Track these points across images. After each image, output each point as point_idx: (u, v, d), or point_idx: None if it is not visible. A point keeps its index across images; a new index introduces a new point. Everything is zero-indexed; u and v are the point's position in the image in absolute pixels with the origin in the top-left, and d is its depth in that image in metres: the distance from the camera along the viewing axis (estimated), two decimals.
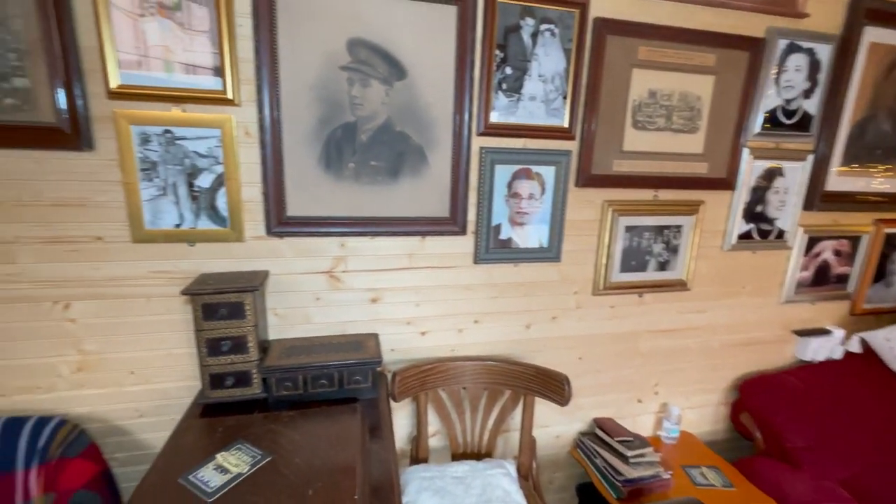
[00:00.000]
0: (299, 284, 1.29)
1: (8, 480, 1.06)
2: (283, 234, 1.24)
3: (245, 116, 1.15)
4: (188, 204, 1.16)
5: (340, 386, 1.21)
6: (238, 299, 1.11)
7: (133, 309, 1.19)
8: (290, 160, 1.19)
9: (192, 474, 0.88)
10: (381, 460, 1.03)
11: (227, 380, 1.14)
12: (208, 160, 1.14)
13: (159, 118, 1.09)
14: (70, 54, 1.02)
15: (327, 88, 1.17)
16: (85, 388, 1.22)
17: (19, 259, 1.11)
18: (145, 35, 1.04)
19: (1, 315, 1.12)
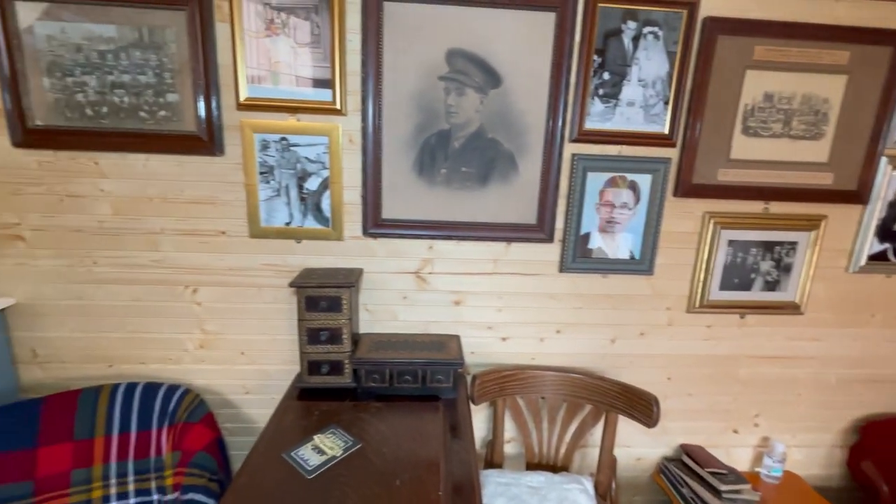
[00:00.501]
0: (389, 283, 1.36)
1: (146, 437, 1.24)
2: (377, 235, 1.32)
3: (350, 125, 1.24)
4: (297, 204, 1.28)
5: (423, 383, 1.25)
6: (337, 294, 1.20)
7: (247, 296, 1.34)
8: (387, 166, 1.26)
9: (294, 451, 0.97)
10: (462, 460, 1.05)
11: (323, 367, 1.24)
12: (316, 165, 1.25)
13: (277, 127, 1.22)
14: (210, 72, 1.17)
15: (425, 98, 1.22)
16: (204, 364, 1.39)
17: (162, 248, 1.29)
18: (269, 52, 1.17)
19: (145, 294, 1.32)
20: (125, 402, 1.26)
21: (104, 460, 1.22)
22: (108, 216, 1.26)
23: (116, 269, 1.30)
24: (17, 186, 1.23)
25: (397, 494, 0.87)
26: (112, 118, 1.19)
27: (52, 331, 1.33)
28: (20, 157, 1.21)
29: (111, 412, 1.24)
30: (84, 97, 1.18)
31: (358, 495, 0.86)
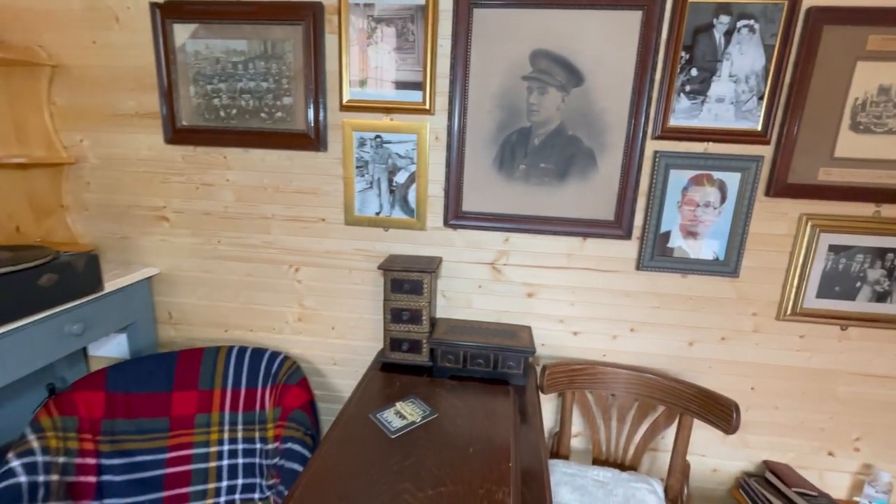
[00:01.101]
0: (465, 272, 1.45)
1: (252, 393, 1.45)
2: (457, 227, 1.41)
3: (437, 124, 1.34)
4: (387, 196, 1.41)
5: (494, 368, 1.32)
6: (419, 278, 1.30)
7: (340, 277, 1.50)
8: (469, 162, 1.35)
9: (378, 413, 1.09)
10: (531, 444, 1.11)
11: (403, 345, 1.36)
12: (405, 160, 1.37)
13: (373, 126, 1.36)
14: (319, 78, 1.34)
15: (508, 97, 1.29)
16: (301, 335, 1.57)
17: (272, 231, 1.49)
18: (369, 59, 1.31)
19: (256, 271, 1.53)
20: (237, 363, 1.47)
21: (220, 409, 1.43)
22: (231, 202, 1.49)
23: (235, 248, 1.52)
24: (166, 176, 1.49)
25: (470, 460, 0.95)
26: (239, 119, 1.40)
27: (184, 297, 1.59)
28: (169, 151, 1.47)
29: (226, 370, 1.46)
30: (218, 101, 1.40)
31: (435, 457, 0.95)
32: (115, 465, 1.30)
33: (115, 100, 1.44)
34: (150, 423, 1.37)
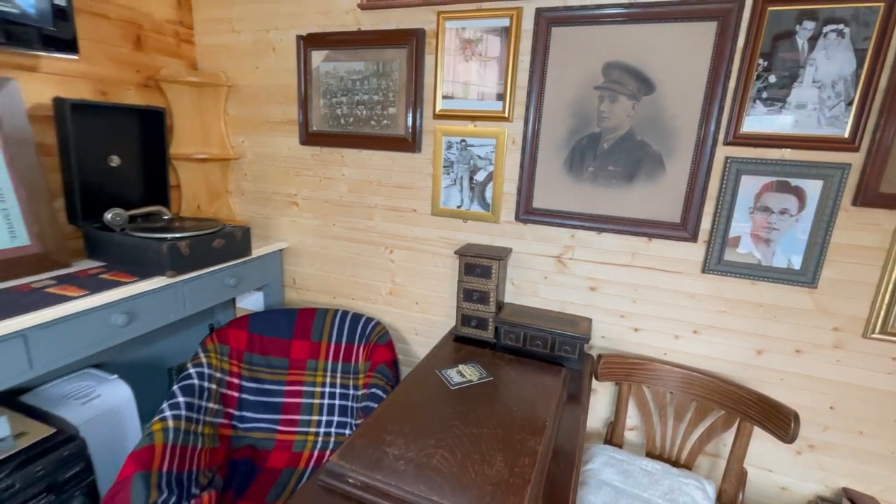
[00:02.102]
0: (533, 263, 1.61)
1: (350, 349, 1.77)
2: (527, 221, 1.57)
3: (514, 129, 1.52)
4: (468, 192, 1.62)
5: (551, 350, 1.46)
6: (488, 264, 1.50)
7: (425, 260, 1.76)
8: (541, 163, 1.50)
9: (444, 370, 1.31)
10: (572, 419, 1.23)
11: (472, 321, 1.56)
12: (485, 161, 1.57)
13: (459, 131, 1.58)
14: (418, 91, 1.60)
15: (580, 105, 1.42)
16: (391, 307, 1.87)
17: (375, 218, 1.80)
18: (459, 74, 1.53)
19: (360, 250, 1.86)
20: (340, 323, 1.81)
21: (325, 358, 1.79)
22: (345, 193, 1.83)
23: (345, 230, 1.87)
24: (298, 170, 1.89)
25: (513, 414, 1.12)
26: (354, 125, 1.73)
27: (305, 268, 1.99)
28: (302, 151, 1.86)
29: (332, 328, 1.81)
30: (340, 111, 1.74)
31: (483, 408, 1.14)
32: (250, 387, 1.72)
33: (267, 110, 1.88)
34: (275, 361, 1.77)
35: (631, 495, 1.29)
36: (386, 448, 0.96)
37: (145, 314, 1.38)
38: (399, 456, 0.94)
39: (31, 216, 1.35)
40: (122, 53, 1.68)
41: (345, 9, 1.65)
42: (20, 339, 1.09)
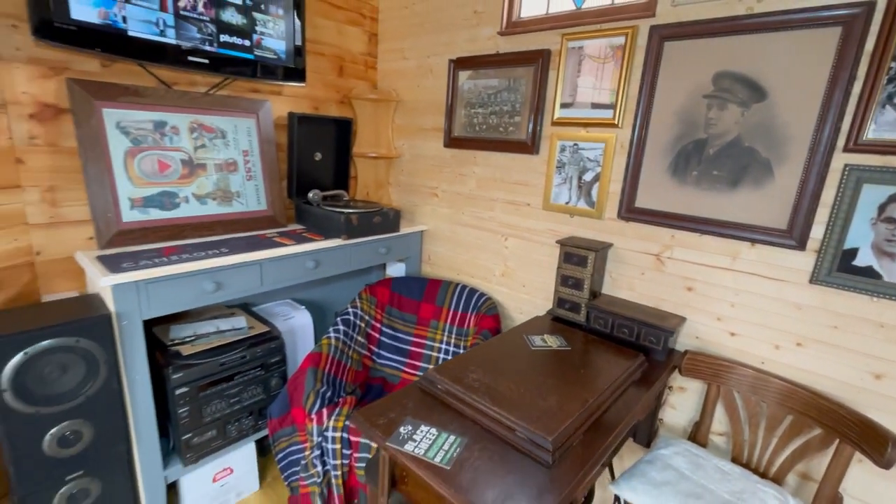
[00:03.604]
0: (631, 259, 1.73)
1: (464, 316, 2.14)
2: (629, 219, 1.70)
3: (623, 135, 1.67)
4: (576, 190, 1.83)
5: (636, 339, 1.58)
6: (584, 254, 1.69)
7: (533, 249, 2.02)
8: (646, 166, 1.62)
9: (529, 335, 1.57)
10: (634, 395, 1.36)
11: (566, 304, 1.77)
12: (593, 163, 1.76)
13: (572, 136, 1.80)
14: (540, 102, 1.87)
15: (687, 113, 1.51)
16: (502, 287, 2.17)
17: (495, 210, 2.13)
18: (576, 87, 1.75)
19: (480, 237, 2.21)
20: (459, 294, 2.19)
21: (444, 320, 2.19)
22: (473, 188, 2.20)
23: (472, 219, 2.24)
24: (440, 168, 2.33)
25: (577, 374, 1.32)
26: (486, 132, 2.08)
27: (437, 248, 2.42)
28: (445, 152, 2.29)
29: (452, 297, 2.20)
30: (476, 119, 2.11)
31: (552, 366, 1.37)
32: (387, 333, 2.23)
33: (422, 120, 2.36)
34: (407, 316, 2.24)
35: (694, 483, 1.35)
36: (468, 373, 1.28)
37: (326, 263, 1.96)
38: (476, 379, 1.25)
39: (269, 191, 2.05)
40: (330, 79, 2.35)
41: (487, 36, 2.01)
42: (258, 266, 1.73)
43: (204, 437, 1.69)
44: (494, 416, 1.11)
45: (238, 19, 1.79)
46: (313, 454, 1.65)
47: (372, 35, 2.49)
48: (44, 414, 1.29)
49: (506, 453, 1.04)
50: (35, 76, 1.47)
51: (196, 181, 1.83)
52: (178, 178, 1.78)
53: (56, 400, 1.31)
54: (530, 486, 0.94)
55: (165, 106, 1.73)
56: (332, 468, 1.66)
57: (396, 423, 1.11)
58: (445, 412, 1.17)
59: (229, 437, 1.77)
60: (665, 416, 1.72)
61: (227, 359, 1.70)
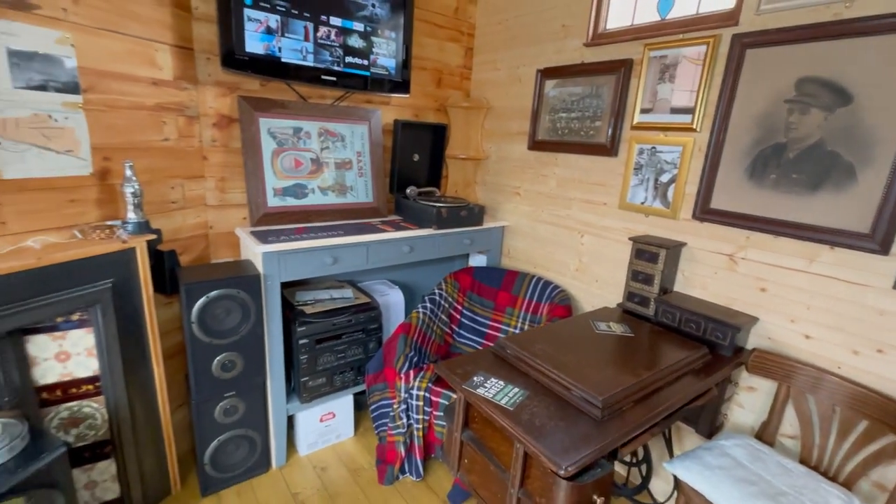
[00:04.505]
0: (704, 258, 1.78)
1: (537, 305, 2.32)
2: (703, 220, 1.76)
3: (700, 139, 1.74)
4: (652, 191, 1.92)
5: (703, 334, 1.65)
6: (655, 251, 1.79)
7: (607, 246, 2.14)
8: (723, 169, 1.68)
9: (595, 321, 1.72)
10: (689, 383, 1.44)
11: (636, 298, 1.88)
12: (670, 166, 1.85)
13: (651, 139, 1.90)
14: (621, 107, 1.99)
15: (767, 117, 1.55)
16: (575, 281, 2.32)
17: (573, 208, 2.29)
18: (655, 93, 1.85)
19: (557, 233, 2.37)
20: (534, 285, 2.37)
21: (519, 308, 2.39)
22: (553, 187, 2.38)
23: (550, 216, 2.41)
24: (523, 169, 2.53)
25: (636, 355, 1.46)
26: (568, 135, 2.25)
27: (517, 242, 2.63)
28: (528, 154, 2.49)
29: (528, 287, 2.39)
30: (559, 124, 2.29)
31: (614, 346, 1.52)
32: (467, 315, 2.49)
33: (509, 125, 2.59)
34: (486, 301, 2.48)
35: (751, 471, 1.41)
36: (535, 343, 1.48)
37: (419, 248, 2.28)
38: (541, 348, 1.45)
39: (375, 186, 2.43)
40: (429, 90, 2.68)
41: (573, 47, 2.18)
42: (365, 247, 2.09)
43: (316, 382, 2.09)
44: (554, 377, 1.30)
45: (360, 43, 2.18)
46: (400, 408, 1.96)
47: (468, 49, 2.77)
48: (214, 344, 1.75)
49: (561, 406, 1.23)
50: (218, 95, 1.97)
51: (320, 176, 2.25)
52: (308, 173, 2.21)
53: (222, 335, 1.76)
54: (578, 432, 1.12)
55: (302, 115, 2.17)
56: (415, 422, 1.96)
57: (471, 374, 1.35)
58: (512, 371, 1.39)
59: (335, 385, 2.16)
60: (732, 414, 1.75)
61: (337, 320, 2.08)
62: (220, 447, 1.87)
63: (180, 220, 1.93)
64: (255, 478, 2.03)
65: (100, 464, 1.64)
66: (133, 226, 1.60)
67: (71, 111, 1.50)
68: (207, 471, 1.88)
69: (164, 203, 1.86)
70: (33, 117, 1.41)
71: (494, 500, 1.25)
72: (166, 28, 1.75)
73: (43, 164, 1.45)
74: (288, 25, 1.94)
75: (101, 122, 1.59)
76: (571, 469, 1.01)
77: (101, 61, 1.57)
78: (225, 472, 1.93)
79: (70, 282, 1.42)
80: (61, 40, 1.45)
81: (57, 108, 1.46)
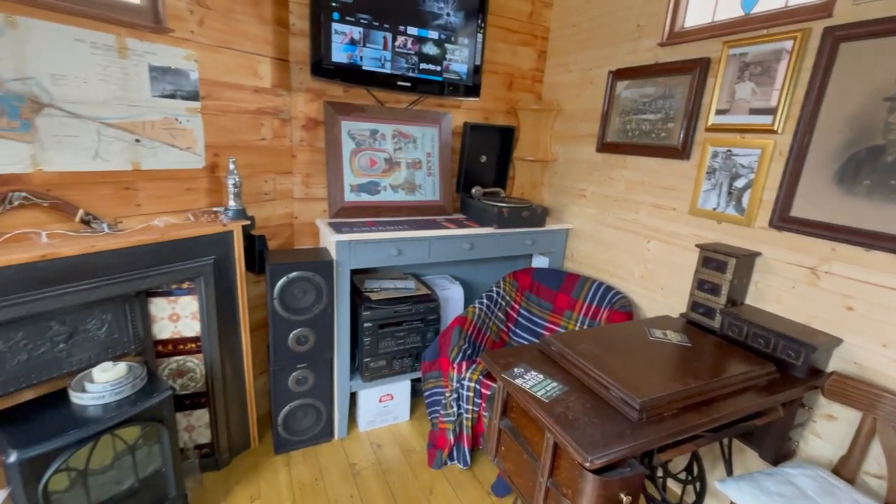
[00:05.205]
0: (781, 270, 1.65)
1: (597, 310, 2.28)
2: (781, 229, 1.63)
3: (782, 141, 1.62)
4: (725, 196, 1.82)
5: (773, 351, 1.53)
6: (724, 260, 1.69)
7: (675, 253, 2.05)
8: (806, 174, 1.55)
9: (650, 328, 1.67)
10: (748, 399, 1.35)
11: (700, 308, 1.78)
12: (746, 170, 1.73)
13: (726, 142, 1.79)
14: (695, 108, 1.90)
15: (862, 117, 1.40)
16: (639, 288, 2.24)
17: (640, 212, 2.22)
18: (734, 93, 1.75)
19: (622, 238, 2.31)
20: (595, 289, 2.34)
21: (577, 311, 2.37)
22: (621, 190, 2.32)
23: (616, 220, 2.36)
24: (590, 171, 2.50)
25: (688, 364, 1.40)
26: (638, 137, 2.19)
27: (581, 245, 2.60)
28: (596, 156, 2.46)
29: (588, 291, 2.36)
30: (629, 126, 2.23)
31: (666, 353, 1.47)
32: (524, 314, 2.52)
33: (578, 127, 2.57)
34: (543, 302, 2.49)
35: None
36: (581, 343, 1.49)
37: (479, 246, 2.36)
38: (587, 348, 1.46)
39: (442, 185, 2.56)
40: (500, 93, 2.75)
41: (647, 48, 2.12)
42: (427, 241, 2.22)
43: (377, 364, 2.26)
44: (594, 376, 1.31)
45: (434, 51, 2.32)
46: (452, 397, 2.06)
47: (541, 52, 2.79)
48: (291, 320, 1.99)
49: (598, 405, 1.24)
50: (307, 100, 2.22)
51: (392, 175, 2.43)
52: (381, 171, 2.40)
53: (298, 312, 1.99)
54: (611, 430, 1.13)
55: (378, 118, 2.37)
56: (465, 412, 2.04)
57: (513, 366, 1.41)
58: (554, 368, 1.42)
59: (394, 369, 2.32)
60: (807, 444, 1.60)
61: (399, 308, 2.24)
62: (290, 413, 2.11)
63: (270, 209, 2.22)
64: (318, 445, 2.25)
65: (197, 411, 1.95)
66: (233, 212, 1.88)
67: (192, 115, 1.81)
68: (280, 432, 2.13)
69: (258, 194, 2.14)
70: (164, 120, 1.73)
71: (526, 487, 1.30)
72: (268, 43, 2.03)
73: (169, 159, 1.78)
74: (369, 37, 2.14)
75: (213, 124, 1.90)
76: (598, 462, 1.03)
77: (216, 73, 1.87)
78: (294, 436, 2.17)
79: (183, 256, 1.72)
80: (188, 57, 1.76)
81: (182, 112, 1.78)
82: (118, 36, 1.55)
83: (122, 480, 1.56)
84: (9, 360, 1.38)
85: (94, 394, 1.47)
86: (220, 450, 2.01)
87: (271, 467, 2.08)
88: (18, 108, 1.37)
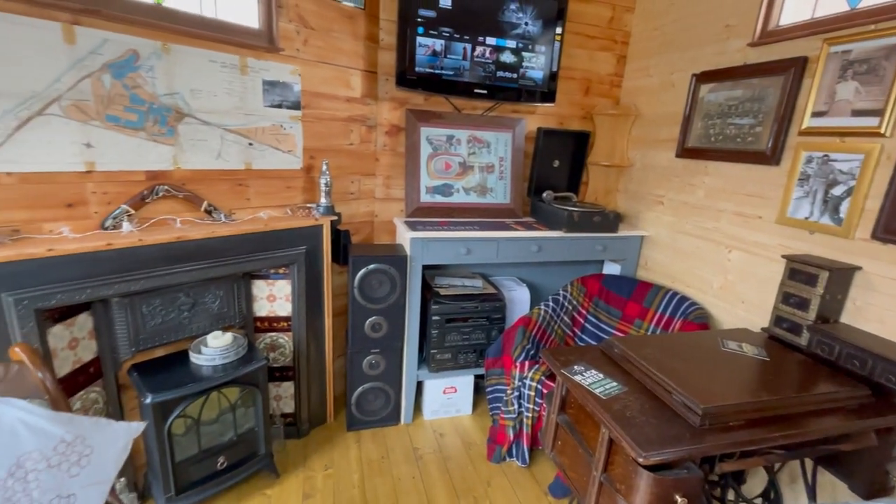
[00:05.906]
0: (886, 287, 1.50)
1: (670, 320, 2.20)
2: (886, 241, 1.49)
3: (889, 145, 1.47)
4: (819, 205, 1.68)
5: (869, 374, 1.40)
6: (814, 272, 1.57)
7: (759, 265, 1.92)
8: None
9: (724, 339, 1.60)
10: (833, 421, 1.25)
11: (784, 323, 1.67)
12: (846, 176, 1.60)
13: (823, 146, 1.67)
14: (786, 111, 1.79)
15: None
16: (718, 300, 2.13)
17: (721, 221, 2.11)
18: (833, 93, 1.62)
19: (701, 246, 2.21)
20: (669, 300, 2.26)
21: (648, 321, 2.30)
22: (701, 197, 2.22)
23: (695, 228, 2.26)
24: (669, 177, 2.42)
25: (763, 376, 1.34)
26: (721, 142, 2.09)
27: (656, 254, 2.52)
28: (675, 162, 2.38)
29: (662, 300, 2.28)
30: (713, 130, 2.14)
31: (738, 366, 1.41)
32: (591, 321, 2.49)
33: (656, 131, 2.50)
34: (612, 310, 2.45)
35: None
36: (646, 347, 1.49)
37: (547, 249, 2.39)
38: (651, 353, 1.45)
39: (513, 189, 2.63)
40: (576, 99, 2.76)
41: (735, 49, 2.03)
42: (496, 242, 2.30)
43: (443, 356, 2.38)
44: (656, 379, 1.30)
45: (511, 59, 2.41)
46: (513, 394, 2.12)
47: (620, 57, 2.76)
48: (368, 308, 2.18)
49: (657, 407, 1.23)
50: (391, 108, 2.42)
51: (466, 178, 2.55)
52: (455, 175, 2.53)
53: (374, 301, 2.18)
54: (669, 432, 1.13)
55: (455, 124, 2.50)
56: (525, 410, 2.09)
57: (573, 363, 1.44)
58: (615, 369, 1.43)
59: (458, 363, 2.42)
60: None
61: (466, 305, 2.34)
62: (363, 394, 2.30)
63: (355, 207, 2.44)
64: (386, 427, 2.41)
65: (284, 384, 2.21)
66: (323, 209, 2.12)
67: (294, 122, 2.08)
68: (353, 411, 2.33)
69: (345, 194, 2.37)
70: (272, 127, 2.01)
71: (580, 482, 1.32)
72: (360, 57, 2.26)
73: (274, 160, 2.05)
74: (450, 48, 2.28)
75: (311, 130, 2.15)
76: (652, 459, 1.04)
77: (315, 85, 2.12)
78: (365, 416, 2.36)
79: (281, 244, 1.97)
80: (293, 71, 2.02)
81: (286, 120, 2.05)
82: (241, 56, 1.84)
83: (224, 433, 1.84)
84: (149, 322, 1.69)
85: (207, 356, 1.75)
86: (302, 420, 2.25)
87: (343, 442, 2.28)
88: (167, 117, 1.69)
